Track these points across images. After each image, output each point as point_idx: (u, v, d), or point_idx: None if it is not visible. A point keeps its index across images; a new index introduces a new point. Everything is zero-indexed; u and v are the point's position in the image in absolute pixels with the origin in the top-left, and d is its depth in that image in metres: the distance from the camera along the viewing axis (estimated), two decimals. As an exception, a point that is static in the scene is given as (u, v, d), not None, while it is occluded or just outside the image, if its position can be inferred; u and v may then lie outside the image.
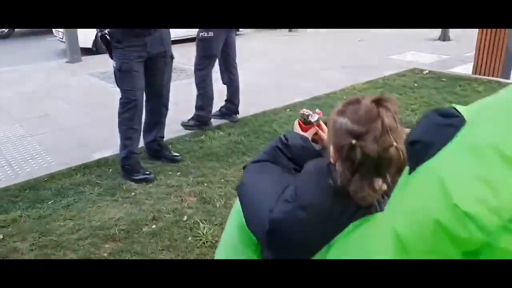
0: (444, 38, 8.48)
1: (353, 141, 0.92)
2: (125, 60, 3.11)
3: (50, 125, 4.46)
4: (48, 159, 3.68)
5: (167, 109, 3.53)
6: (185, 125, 4.19)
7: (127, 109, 3.18)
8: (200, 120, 4.16)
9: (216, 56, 4.05)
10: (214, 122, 4.29)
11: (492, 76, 5.58)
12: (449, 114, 0.59)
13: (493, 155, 0.47)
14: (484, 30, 5.55)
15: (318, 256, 0.94)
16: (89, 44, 7.90)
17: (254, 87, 5.23)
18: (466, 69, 6.11)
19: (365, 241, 0.84)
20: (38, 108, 5.00)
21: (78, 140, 4.07)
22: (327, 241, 0.93)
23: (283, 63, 6.96)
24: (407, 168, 0.66)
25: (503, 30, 5.38)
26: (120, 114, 3.23)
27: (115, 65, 3.16)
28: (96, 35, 7.74)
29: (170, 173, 3.35)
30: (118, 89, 3.26)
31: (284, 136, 1.22)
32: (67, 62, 7.25)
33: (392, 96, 0.81)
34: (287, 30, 10.25)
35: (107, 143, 3.86)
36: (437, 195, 0.50)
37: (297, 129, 1.30)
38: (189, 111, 4.21)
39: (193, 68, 4.17)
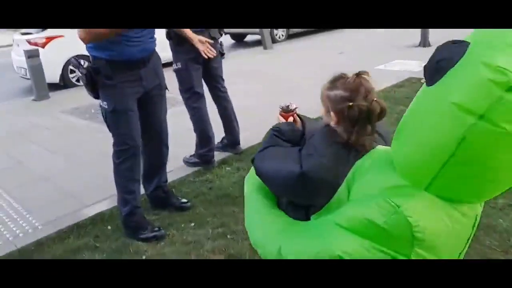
0: (425, 44, 8.32)
1: (350, 104, 1.23)
2: (119, 99, 2.62)
3: (26, 176, 3.87)
4: (31, 220, 3.11)
5: (168, 148, 3.03)
6: (186, 162, 3.71)
7: (126, 158, 2.68)
8: (199, 159, 3.69)
9: (193, 88, 3.53)
10: (218, 156, 3.80)
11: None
12: (458, 41, 0.95)
13: (500, 42, 0.87)
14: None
15: (339, 191, 1.19)
16: (56, 79, 7.29)
17: (248, 111, 4.78)
18: (461, 74, 5.88)
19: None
20: (9, 156, 4.40)
21: (62, 191, 3.51)
22: (343, 179, 1.20)
23: (270, 82, 6.57)
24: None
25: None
26: (117, 165, 2.71)
27: (106, 106, 2.63)
28: (65, 68, 7.25)
29: (183, 225, 2.85)
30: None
31: (275, 126, 1.48)
32: (33, 100, 6.64)
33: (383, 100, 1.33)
34: (261, 47, 9.95)
35: (98, 191, 3.33)
36: (482, 65, 0.86)
37: (281, 119, 1.56)
38: (182, 145, 3.74)
39: (176, 97, 3.71)
